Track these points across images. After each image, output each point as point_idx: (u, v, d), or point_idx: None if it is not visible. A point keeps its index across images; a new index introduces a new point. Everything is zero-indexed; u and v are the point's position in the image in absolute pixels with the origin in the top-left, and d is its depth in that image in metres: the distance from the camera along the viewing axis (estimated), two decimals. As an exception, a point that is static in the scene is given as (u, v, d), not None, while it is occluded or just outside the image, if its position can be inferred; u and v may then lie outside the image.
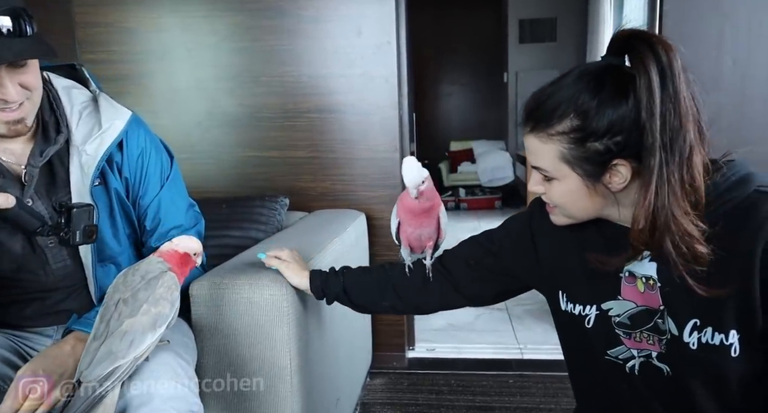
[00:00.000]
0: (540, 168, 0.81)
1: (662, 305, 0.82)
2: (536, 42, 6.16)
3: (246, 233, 1.73)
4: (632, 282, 0.85)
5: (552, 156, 0.78)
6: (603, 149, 0.74)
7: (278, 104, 2.09)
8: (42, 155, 1.01)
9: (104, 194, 1.08)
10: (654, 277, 0.82)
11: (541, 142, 0.79)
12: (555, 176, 0.80)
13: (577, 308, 0.91)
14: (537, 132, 0.79)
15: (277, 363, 1.16)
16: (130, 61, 2.13)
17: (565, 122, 0.76)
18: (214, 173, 2.16)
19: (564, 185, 0.80)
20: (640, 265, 0.83)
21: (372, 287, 1.13)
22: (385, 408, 1.90)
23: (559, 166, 0.79)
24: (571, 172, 0.78)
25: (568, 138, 0.76)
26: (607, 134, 0.74)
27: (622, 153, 0.74)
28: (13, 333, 1.08)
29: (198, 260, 1.05)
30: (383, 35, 2.02)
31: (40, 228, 0.91)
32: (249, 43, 2.08)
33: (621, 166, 0.75)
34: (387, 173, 2.08)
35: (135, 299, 0.90)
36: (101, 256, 1.09)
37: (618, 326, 0.86)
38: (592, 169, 0.76)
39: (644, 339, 0.84)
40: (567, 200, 0.82)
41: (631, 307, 0.85)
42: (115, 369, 0.86)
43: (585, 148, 0.75)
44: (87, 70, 1.14)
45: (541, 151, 0.80)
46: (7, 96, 0.90)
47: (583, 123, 0.74)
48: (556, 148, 0.77)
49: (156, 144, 1.18)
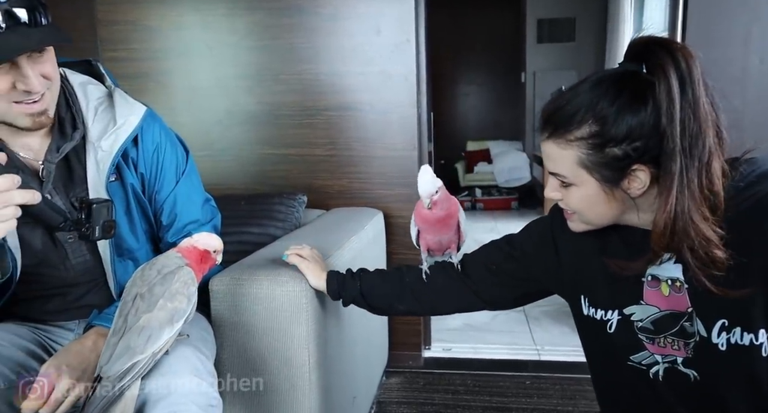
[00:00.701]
0: (558, 174, 0.82)
1: (690, 307, 0.80)
2: (554, 42, 6.10)
3: (264, 230, 1.74)
4: (656, 286, 0.84)
5: (570, 162, 0.79)
6: (622, 155, 0.75)
7: (297, 101, 2.10)
8: (58, 151, 1.02)
9: (120, 190, 1.09)
10: (681, 278, 0.81)
11: (560, 148, 0.79)
12: (573, 182, 0.80)
13: (599, 313, 0.90)
14: (555, 138, 0.79)
15: (295, 359, 1.16)
16: (151, 58, 2.15)
17: (584, 127, 0.76)
18: (233, 170, 2.17)
19: (582, 190, 0.80)
20: (664, 268, 0.82)
21: (388, 290, 1.14)
22: (401, 407, 1.89)
23: (577, 171, 0.79)
24: (589, 177, 0.78)
25: (587, 144, 0.76)
26: (626, 140, 0.74)
27: (641, 158, 0.74)
28: (36, 326, 1.10)
29: (218, 257, 1.05)
30: (402, 33, 2.01)
31: (63, 223, 0.92)
32: (268, 42, 2.09)
33: (640, 171, 0.75)
34: (405, 172, 2.07)
35: (151, 294, 0.90)
36: (119, 251, 1.10)
37: (641, 331, 0.86)
38: (610, 174, 0.77)
39: (669, 344, 0.84)
40: (585, 206, 0.82)
41: (654, 312, 0.84)
42: (134, 364, 0.86)
43: (604, 153, 0.76)
44: (103, 66, 1.15)
45: (559, 157, 0.80)
46: (30, 86, 0.91)
47: (602, 129, 0.75)
48: (575, 153, 0.78)
49: (171, 139, 1.19)
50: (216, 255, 1.05)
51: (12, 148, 1.01)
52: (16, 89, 0.91)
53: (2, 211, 0.77)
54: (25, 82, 0.90)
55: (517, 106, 6.69)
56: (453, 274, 1.10)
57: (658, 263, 0.81)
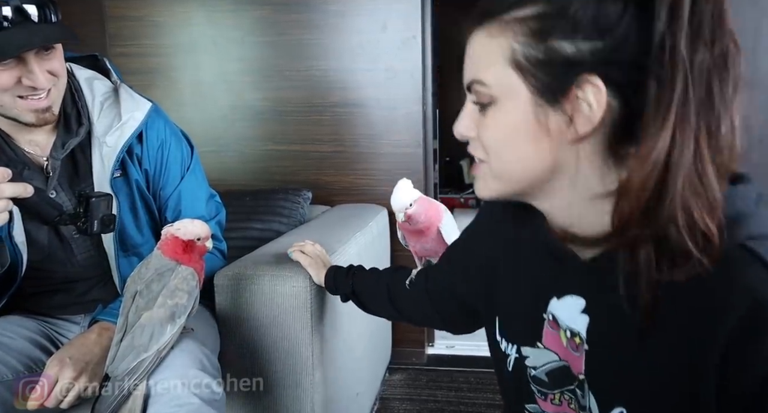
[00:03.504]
0: (478, 82, 0.56)
1: (582, 375, 0.59)
2: (562, 39, 6.06)
3: (269, 226, 1.74)
4: (555, 328, 0.62)
5: (499, 58, 0.54)
6: (571, 53, 0.49)
7: (303, 98, 2.10)
8: (64, 146, 1.03)
9: (125, 186, 1.09)
10: (582, 335, 0.59)
11: (490, 36, 0.55)
12: (496, 95, 0.55)
13: (503, 343, 0.70)
14: (488, 22, 0.55)
15: (299, 355, 1.16)
16: (159, 54, 2.16)
17: (530, 5, 0.51)
18: (238, 165, 2.18)
19: (505, 112, 0.54)
20: (567, 310, 0.61)
21: (377, 292, 1.08)
22: (404, 403, 1.90)
23: (505, 74, 0.53)
24: (520, 85, 0.53)
25: (528, 29, 0.51)
26: (585, 32, 0.49)
27: (597, 67, 0.49)
28: (44, 319, 1.11)
29: (208, 244, 0.98)
30: (408, 30, 2.01)
31: (58, 217, 0.92)
32: (274, 37, 2.09)
33: (591, 87, 0.49)
34: (410, 169, 2.07)
35: (149, 291, 0.90)
36: (124, 247, 1.11)
37: (533, 381, 0.65)
38: (549, 82, 0.51)
39: (565, 401, 0.63)
40: (503, 142, 0.56)
41: (552, 360, 0.63)
42: (140, 363, 0.87)
43: (547, 46, 0.50)
44: (109, 61, 1.15)
45: (485, 51, 0.56)
46: (36, 83, 0.91)
47: (554, 7, 0.50)
48: (508, 43, 0.53)
49: (176, 135, 1.19)
50: (203, 243, 0.97)
51: (18, 143, 1.01)
52: (22, 84, 0.92)
53: None
54: (31, 78, 0.91)
55: (524, 103, 6.64)
56: (419, 287, 0.98)
57: (559, 297, 0.61)
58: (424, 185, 2.11)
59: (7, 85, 0.91)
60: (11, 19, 0.85)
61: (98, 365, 0.93)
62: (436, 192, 3.89)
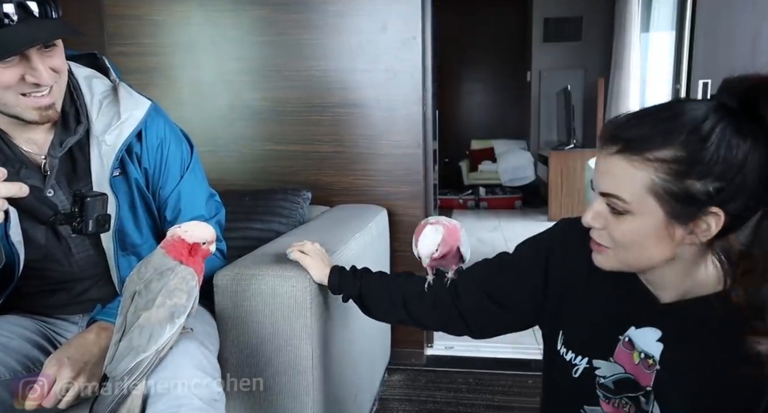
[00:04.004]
0: (615, 196, 0.70)
1: (650, 387, 0.77)
2: (561, 41, 6.09)
3: (268, 226, 1.74)
4: (629, 349, 0.79)
5: (639, 185, 0.68)
6: (702, 191, 0.65)
7: (302, 98, 2.10)
8: (62, 145, 1.02)
9: (124, 185, 1.09)
10: (656, 358, 0.76)
11: (632, 166, 0.68)
12: (632, 210, 0.69)
13: (569, 354, 0.86)
14: (630, 154, 0.68)
15: (298, 355, 1.16)
16: (158, 53, 2.15)
17: (669, 148, 0.66)
18: (236, 165, 2.17)
19: (639, 222, 0.69)
20: (643, 339, 0.78)
21: (386, 297, 1.10)
22: (403, 404, 1.89)
23: (643, 198, 0.68)
24: (656, 208, 0.68)
25: (668, 168, 0.66)
26: (713, 176, 0.64)
27: (723, 203, 0.65)
28: (41, 319, 1.10)
29: (211, 247, 0.98)
30: (408, 31, 2.00)
31: (53, 217, 0.91)
32: (273, 37, 2.08)
33: (713, 216, 0.66)
34: (409, 169, 2.07)
35: (148, 291, 0.89)
36: (123, 246, 1.10)
37: (600, 387, 0.82)
38: (681, 210, 0.67)
39: (623, 406, 0.81)
40: (634, 241, 0.71)
41: (619, 372, 0.80)
42: (138, 363, 0.86)
43: (683, 184, 0.65)
44: (108, 59, 1.15)
45: (626, 176, 0.68)
46: (40, 79, 0.91)
47: (691, 155, 0.65)
48: (649, 176, 0.67)
49: (176, 134, 1.18)
50: (208, 246, 0.97)
51: (15, 142, 1.01)
52: (25, 82, 0.91)
53: None
54: (34, 74, 0.90)
55: (522, 105, 6.67)
56: (445, 293, 1.05)
57: (638, 327, 0.78)
58: (424, 187, 2.10)
59: (10, 83, 0.90)
60: (14, 16, 0.85)
61: (96, 365, 0.92)
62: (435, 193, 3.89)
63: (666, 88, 3.59)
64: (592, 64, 5.85)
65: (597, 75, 5.33)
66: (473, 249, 1.14)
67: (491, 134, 6.88)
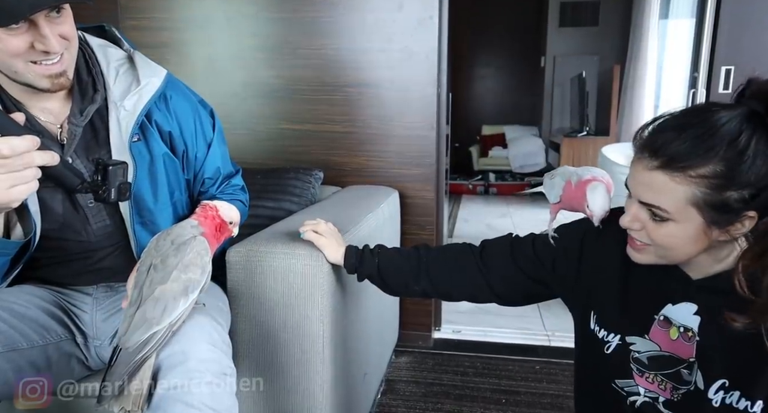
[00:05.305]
0: (656, 207, 0.75)
1: (693, 358, 0.81)
2: (577, 26, 5.99)
3: (279, 205, 1.73)
4: (665, 327, 0.84)
5: (681, 198, 0.72)
6: (739, 199, 0.70)
7: (316, 77, 2.07)
8: (83, 114, 1.02)
9: (144, 150, 1.08)
10: (694, 330, 0.81)
11: (674, 181, 0.72)
12: (673, 218, 0.74)
13: (602, 332, 0.91)
14: (672, 170, 0.72)
15: (310, 333, 1.16)
16: (171, 28, 2.13)
17: (709, 165, 0.70)
18: (249, 143, 2.16)
19: (679, 228, 0.75)
20: (680, 314, 0.82)
21: (406, 270, 1.12)
22: (410, 385, 1.90)
23: (685, 209, 0.73)
24: (696, 217, 0.73)
25: (708, 183, 0.70)
26: (750, 186, 0.69)
27: (758, 207, 0.71)
28: (57, 290, 1.11)
29: (234, 230, 1.06)
30: (425, 10, 1.97)
31: (80, 185, 0.92)
32: (289, 14, 2.05)
33: (748, 218, 0.72)
34: (422, 152, 2.05)
35: (165, 265, 0.90)
36: (140, 214, 1.10)
37: (634, 361, 0.87)
38: (719, 217, 0.72)
39: (657, 381, 0.85)
40: (675, 243, 0.77)
41: (654, 349, 0.85)
42: (151, 336, 0.86)
43: (723, 196, 0.70)
44: (118, 30, 1.14)
45: (668, 190, 0.73)
46: (49, 47, 0.90)
47: (730, 171, 0.69)
48: (691, 191, 0.71)
49: (198, 99, 1.22)
50: (233, 227, 1.06)
51: (31, 111, 1.00)
52: (35, 49, 0.90)
53: (24, 172, 0.77)
54: (43, 42, 0.89)
55: (535, 91, 6.60)
56: (472, 259, 1.09)
57: (674, 303, 0.82)
58: (436, 170, 2.08)
59: (19, 51, 0.89)
60: None
61: None
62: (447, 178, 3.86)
63: (683, 76, 3.53)
64: (607, 51, 5.75)
65: (613, 61, 5.25)
66: (482, 234, 1.12)
67: (502, 119, 6.82)
